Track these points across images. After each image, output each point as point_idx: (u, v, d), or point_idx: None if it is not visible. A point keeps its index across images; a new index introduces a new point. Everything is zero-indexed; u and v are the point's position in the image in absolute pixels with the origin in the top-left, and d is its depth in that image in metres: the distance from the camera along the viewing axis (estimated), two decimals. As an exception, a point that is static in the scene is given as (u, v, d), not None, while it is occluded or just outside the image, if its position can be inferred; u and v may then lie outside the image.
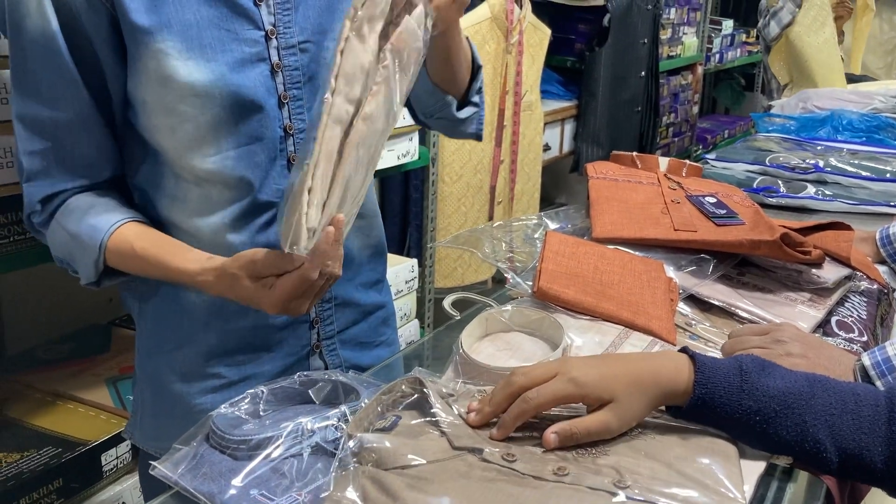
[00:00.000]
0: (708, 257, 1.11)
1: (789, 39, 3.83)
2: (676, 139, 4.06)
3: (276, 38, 0.99)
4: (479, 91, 1.15)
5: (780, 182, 1.88)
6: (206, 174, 0.99)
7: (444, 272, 2.63)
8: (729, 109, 5.66)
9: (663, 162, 1.36)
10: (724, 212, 1.18)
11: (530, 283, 1.01)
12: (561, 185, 3.61)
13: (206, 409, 1.03)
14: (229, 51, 0.96)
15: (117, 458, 1.40)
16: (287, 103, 1.01)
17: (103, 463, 1.38)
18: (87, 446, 1.36)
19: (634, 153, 1.37)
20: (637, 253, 1.11)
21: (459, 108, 1.14)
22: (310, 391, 0.82)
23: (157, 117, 0.97)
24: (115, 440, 1.40)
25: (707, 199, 1.21)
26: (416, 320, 2.26)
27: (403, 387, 0.81)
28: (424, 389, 0.80)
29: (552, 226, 1.20)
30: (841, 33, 4.10)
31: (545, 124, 3.05)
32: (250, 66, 0.97)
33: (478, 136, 1.20)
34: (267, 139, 1.00)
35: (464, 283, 2.72)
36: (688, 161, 1.40)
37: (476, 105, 1.15)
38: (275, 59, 0.99)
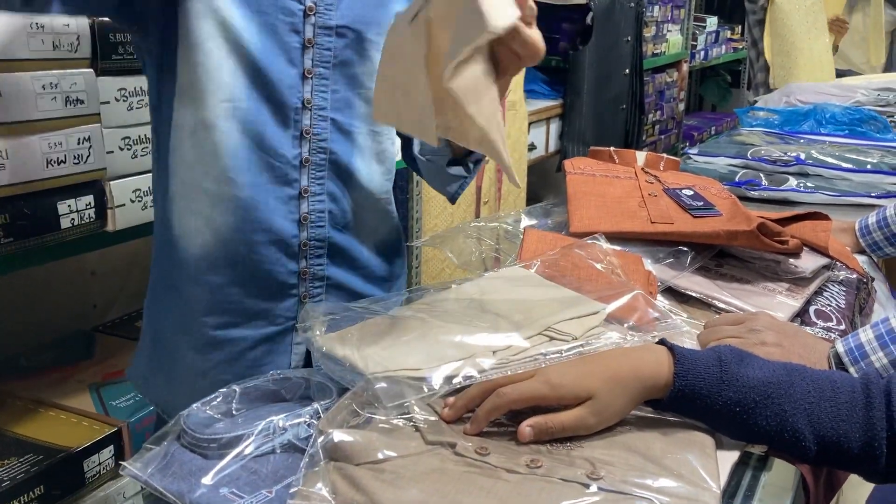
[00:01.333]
0: (686, 249, 1.11)
1: (774, 4, 3.84)
2: (663, 136, 4.07)
3: (314, 15, 1.04)
4: (477, 162, 1.15)
5: (762, 175, 1.89)
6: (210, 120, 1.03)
7: (432, 273, 2.62)
8: (715, 106, 5.68)
9: (640, 156, 1.36)
10: (700, 203, 1.18)
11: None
12: (548, 184, 3.61)
13: (191, 366, 1.13)
14: (266, 12, 1.02)
15: (100, 464, 1.39)
16: (311, 79, 1.05)
17: (86, 469, 1.37)
18: (69, 452, 1.35)
19: (612, 148, 1.37)
20: (615, 247, 1.11)
21: (452, 164, 1.14)
22: (282, 389, 0.82)
23: (183, 48, 1.01)
24: (98, 446, 1.39)
25: (684, 191, 1.22)
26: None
27: (379, 384, 0.81)
28: (398, 385, 0.80)
29: (530, 222, 1.20)
30: (835, 48, 4.13)
31: (530, 124, 3.05)
32: (282, 33, 1.03)
33: (452, 200, 1.22)
34: (280, 104, 1.04)
35: (451, 283, 2.71)
36: (665, 154, 1.40)
37: (468, 172, 1.15)
38: (308, 34, 1.04)
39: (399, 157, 1.23)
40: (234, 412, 0.80)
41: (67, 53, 1.26)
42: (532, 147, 3.15)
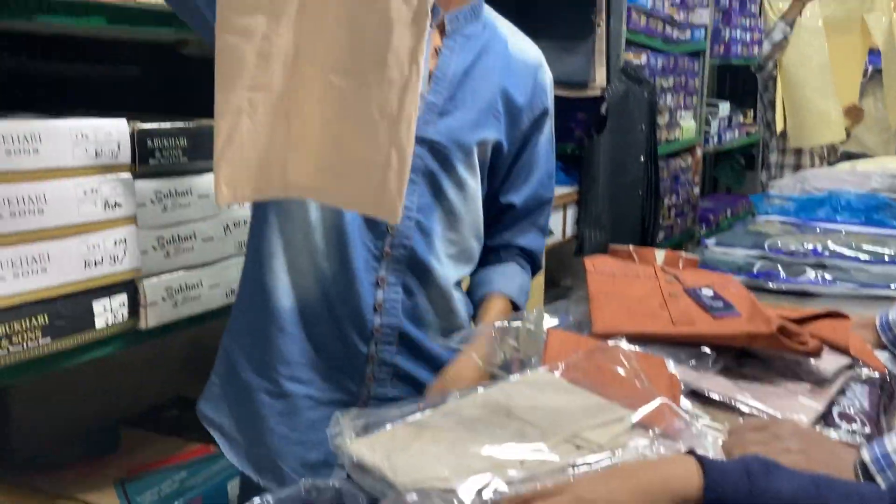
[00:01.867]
0: (708, 351, 1.13)
1: (783, 67, 3.93)
2: (679, 220, 4.11)
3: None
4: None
5: (779, 266, 1.91)
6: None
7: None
8: (731, 188, 5.74)
9: (660, 255, 1.39)
10: (721, 304, 1.20)
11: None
12: (566, 268, 3.64)
13: (258, 408, 1.24)
14: None
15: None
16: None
17: (109, 567, 1.37)
18: (92, 551, 1.35)
19: (631, 246, 1.40)
20: (637, 348, 1.13)
21: None
22: (314, 500, 0.83)
23: None
24: (121, 542, 1.39)
25: (704, 291, 1.24)
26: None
27: (412, 496, 0.82)
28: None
29: (553, 322, 1.22)
30: (848, 133, 4.21)
31: (548, 210, 3.10)
32: None
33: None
34: None
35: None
36: (683, 253, 1.43)
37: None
38: None
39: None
40: (266, 523, 0.81)
41: (108, 160, 1.32)
42: (549, 233, 3.19)
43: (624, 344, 1.10)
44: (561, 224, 3.32)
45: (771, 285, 1.86)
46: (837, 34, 3.99)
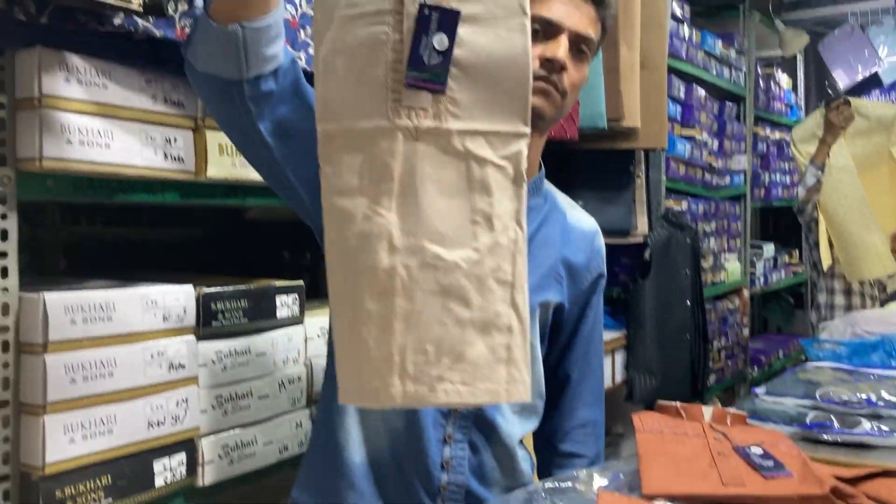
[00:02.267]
0: (761, 513, 1.12)
1: (823, 208, 3.95)
2: (730, 362, 4.06)
3: None
4: None
5: (832, 417, 1.88)
6: None
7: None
8: (781, 328, 5.66)
9: (707, 411, 1.39)
10: (771, 463, 1.19)
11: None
12: (616, 415, 3.59)
13: None
14: None
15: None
16: None
17: None
18: None
19: (678, 403, 1.41)
20: (688, 509, 1.12)
21: None
22: None
23: None
24: None
25: (753, 449, 1.24)
26: None
27: None
28: None
29: (603, 482, 1.22)
30: None
31: (595, 356, 3.11)
32: None
33: None
34: None
35: None
36: (731, 410, 1.43)
37: None
38: None
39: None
40: None
41: (175, 324, 1.40)
42: (598, 379, 3.18)
43: (673, 505, 1.10)
44: (610, 369, 3.31)
45: (825, 437, 1.82)
46: (868, 169, 4.05)
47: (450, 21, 0.93)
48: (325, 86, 0.95)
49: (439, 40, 0.92)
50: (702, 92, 3.68)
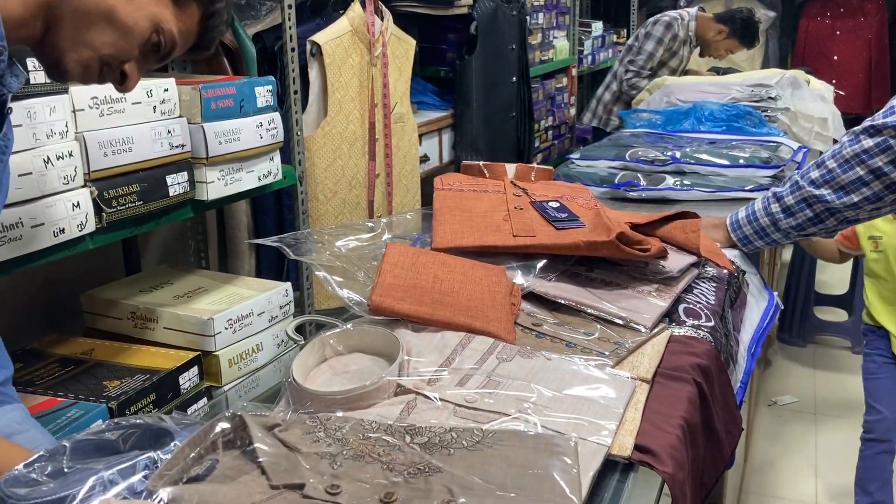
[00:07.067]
0: (546, 260, 1.10)
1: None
2: (556, 142, 4.12)
3: None
4: None
5: (640, 175, 1.91)
6: None
7: (326, 293, 2.56)
8: (608, 109, 5.79)
9: (511, 169, 1.35)
10: (565, 215, 1.17)
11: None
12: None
13: None
14: None
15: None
16: None
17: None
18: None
19: (481, 162, 1.35)
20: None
21: None
22: (118, 439, 0.75)
23: None
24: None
25: (550, 203, 1.20)
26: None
27: (222, 425, 0.76)
28: (245, 424, 0.75)
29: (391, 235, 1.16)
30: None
31: (422, 135, 3.03)
32: None
33: None
34: None
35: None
36: (535, 165, 1.39)
37: None
38: None
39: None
40: (65, 470, 0.73)
41: None
42: (425, 159, 3.13)
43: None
44: (437, 149, 3.26)
45: (632, 194, 1.86)
46: None
47: None
48: None
49: None
50: None
